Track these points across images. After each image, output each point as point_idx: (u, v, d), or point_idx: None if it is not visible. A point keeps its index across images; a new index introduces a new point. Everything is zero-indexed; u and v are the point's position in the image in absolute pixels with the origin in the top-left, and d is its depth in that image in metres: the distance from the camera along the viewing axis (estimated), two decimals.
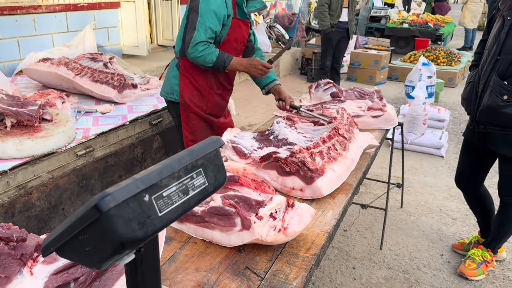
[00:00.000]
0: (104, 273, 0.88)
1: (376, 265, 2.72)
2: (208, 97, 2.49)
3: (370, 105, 2.53)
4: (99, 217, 0.55)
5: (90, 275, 0.86)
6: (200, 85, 2.44)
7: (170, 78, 2.49)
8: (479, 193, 2.74)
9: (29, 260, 0.87)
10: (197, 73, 2.41)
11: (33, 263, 0.87)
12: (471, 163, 2.67)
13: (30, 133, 2.16)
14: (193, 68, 2.40)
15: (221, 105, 2.59)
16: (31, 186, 2.03)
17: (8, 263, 0.83)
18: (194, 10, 2.26)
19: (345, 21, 6.25)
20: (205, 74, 2.43)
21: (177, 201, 0.66)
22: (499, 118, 2.27)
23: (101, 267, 0.61)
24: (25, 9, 5.49)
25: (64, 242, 0.60)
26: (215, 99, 2.52)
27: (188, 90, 2.44)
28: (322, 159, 1.74)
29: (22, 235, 0.89)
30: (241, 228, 1.34)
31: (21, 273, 0.84)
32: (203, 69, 2.39)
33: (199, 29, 2.22)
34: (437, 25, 10.80)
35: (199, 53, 2.23)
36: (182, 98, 2.45)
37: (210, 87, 2.47)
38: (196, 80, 2.44)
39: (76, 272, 0.86)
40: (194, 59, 2.28)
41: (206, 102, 2.49)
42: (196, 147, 0.73)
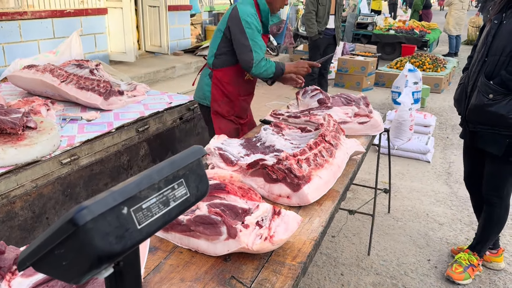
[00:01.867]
0: (85, 286, 0.86)
1: (364, 271, 2.73)
2: (235, 102, 2.81)
3: (356, 111, 2.54)
4: (75, 231, 0.54)
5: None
6: (230, 92, 2.76)
7: (203, 86, 2.81)
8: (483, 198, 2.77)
9: (8, 273, 0.85)
10: (227, 82, 2.74)
11: (11, 276, 0.85)
12: (472, 163, 2.73)
13: (13, 141, 2.13)
14: (224, 78, 2.73)
15: (246, 108, 2.95)
16: (14, 195, 1.99)
17: None
18: (240, 36, 2.55)
19: (332, 28, 6.30)
20: (234, 83, 2.76)
21: (157, 213, 0.65)
22: (486, 117, 2.37)
23: (79, 281, 0.60)
24: (10, 15, 5.43)
25: (40, 257, 0.59)
26: (241, 104, 2.85)
27: (219, 97, 2.76)
28: (309, 166, 1.74)
29: (0, 247, 0.87)
30: (227, 237, 1.33)
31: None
32: (233, 79, 2.73)
33: (256, 50, 2.55)
34: (423, 32, 10.95)
35: (263, 69, 2.59)
36: (213, 103, 2.77)
37: (238, 93, 2.80)
38: (226, 88, 2.75)
39: (56, 285, 0.84)
40: (259, 75, 2.63)
41: (233, 106, 2.81)
42: (177, 157, 0.72)
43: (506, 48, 2.27)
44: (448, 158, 4.73)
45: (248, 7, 2.57)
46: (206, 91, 2.78)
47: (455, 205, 3.65)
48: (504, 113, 2.27)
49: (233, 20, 2.56)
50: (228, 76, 2.71)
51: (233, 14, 2.57)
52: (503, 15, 2.34)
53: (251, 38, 2.52)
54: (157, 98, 3.26)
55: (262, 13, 2.66)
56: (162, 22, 7.67)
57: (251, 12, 2.55)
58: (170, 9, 7.85)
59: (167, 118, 3.01)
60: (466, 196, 3.80)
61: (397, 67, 8.51)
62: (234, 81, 2.74)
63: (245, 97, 2.88)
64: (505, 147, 2.36)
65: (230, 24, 2.57)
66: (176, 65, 7.50)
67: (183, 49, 8.64)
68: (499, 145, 2.37)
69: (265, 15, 2.67)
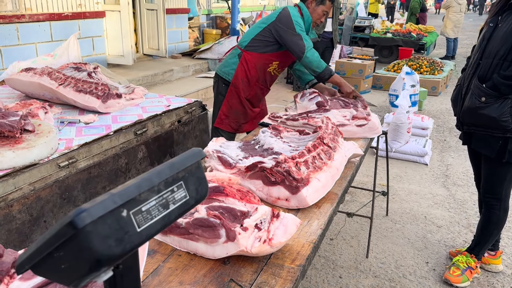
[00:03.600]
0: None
1: (363, 273, 2.72)
2: (253, 86, 3.08)
3: (354, 114, 2.55)
4: (75, 233, 0.54)
5: None
6: (251, 76, 3.04)
7: (230, 63, 3.09)
8: None
9: (6, 277, 0.84)
10: (252, 66, 3.01)
11: (10, 279, 0.84)
12: (476, 164, 2.74)
13: (11, 144, 2.12)
14: (251, 62, 3.00)
15: (259, 97, 3.19)
16: (11, 199, 1.99)
17: None
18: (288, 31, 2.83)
19: (330, 31, 6.32)
20: (258, 69, 3.02)
21: (157, 215, 0.65)
22: (478, 119, 2.39)
23: (78, 285, 0.60)
24: (8, 18, 5.42)
25: (39, 260, 0.58)
26: (256, 90, 3.11)
27: (241, 76, 3.03)
28: (307, 169, 1.74)
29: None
30: (225, 240, 1.33)
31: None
32: (258, 65, 3.00)
33: (307, 40, 2.84)
34: (420, 35, 11.00)
35: (313, 57, 2.83)
36: (235, 79, 3.04)
37: (257, 79, 3.07)
38: (250, 71, 3.02)
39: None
40: (310, 63, 2.84)
41: (250, 89, 3.08)
42: (177, 160, 0.72)
43: (500, 51, 2.28)
44: (445, 160, 4.74)
45: (296, 12, 2.91)
46: (231, 69, 3.06)
47: (453, 207, 3.66)
48: (496, 116, 2.29)
49: (283, 18, 2.85)
50: (255, 61, 2.99)
51: (283, 13, 2.87)
52: (498, 18, 2.35)
53: (299, 33, 2.82)
54: (155, 101, 3.25)
55: (306, 24, 2.95)
56: (160, 25, 7.67)
57: (299, 16, 2.90)
58: (168, 12, 7.86)
59: (165, 121, 3.00)
60: (464, 198, 3.81)
61: (394, 70, 8.54)
62: (259, 67, 3.01)
63: (262, 86, 3.14)
64: (498, 148, 2.37)
65: (279, 21, 2.86)
66: (174, 68, 7.50)
67: (181, 52, 8.64)
68: (492, 146, 2.39)
69: (307, 25, 2.97)
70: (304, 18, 2.95)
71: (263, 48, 2.96)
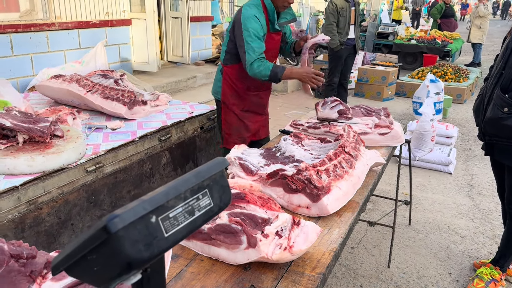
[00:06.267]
0: None
1: (384, 283, 2.70)
2: (245, 97, 2.94)
3: (377, 122, 2.54)
4: (108, 238, 0.57)
5: None
6: (239, 88, 2.91)
7: (216, 81, 3.03)
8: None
9: (39, 277, 0.89)
10: (236, 78, 2.89)
11: (42, 280, 0.89)
12: (498, 175, 2.69)
13: (41, 149, 2.20)
14: (233, 74, 2.89)
15: (259, 103, 3.05)
16: (41, 202, 2.06)
17: (18, 280, 0.85)
18: (239, 38, 2.69)
19: (352, 38, 6.31)
20: (242, 78, 2.87)
21: (183, 221, 0.68)
22: (500, 130, 2.36)
23: (109, 286, 0.63)
24: (38, 26, 5.62)
25: (73, 262, 0.62)
26: (251, 99, 2.97)
27: (229, 92, 2.93)
28: (328, 177, 1.75)
29: (32, 252, 0.91)
30: (247, 246, 1.35)
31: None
32: (241, 75, 2.86)
33: (249, 52, 2.65)
34: (445, 42, 10.84)
35: (256, 71, 2.65)
36: (224, 96, 2.95)
37: (247, 89, 2.92)
38: (235, 83, 2.91)
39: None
40: (252, 76, 2.70)
41: (243, 101, 2.95)
42: (202, 168, 0.75)
43: None
44: (470, 170, 4.65)
45: (252, 9, 2.69)
46: (217, 86, 2.99)
47: (478, 218, 3.59)
48: None
49: (236, 22, 2.72)
50: (236, 72, 2.86)
51: (237, 17, 2.73)
52: None
53: (246, 40, 2.65)
54: (179, 108, 3.32)
55: (269, 12, 2.73)
56: (184, 33, 7.81)
57: (251, 14, 2.65)
58: (192, 20, 7.99)
59: (188, 127, 3.06)
60: (489, 209, 3.73)
61: (418, 77, 8.44)
62: (242, 77, 2.85)
63: (257, 92, 2.97)
64: None
65: (234, 26, 2.74)
66: (197, 74, 7.61)
67: (204, 59, 8.76)
68: None
69: (271, 13, 2.74)
70: (267, 9, 2.72)
71: (237, 57, 2.80)
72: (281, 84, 8.24)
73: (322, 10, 13.13)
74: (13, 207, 1.95)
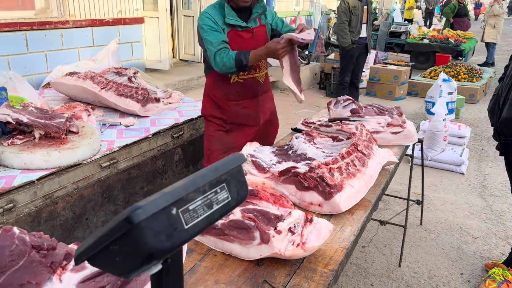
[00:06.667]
0: (129, 282, 0.92)
1: (395, 282, 2.70)
2: (225, 108, 2.64)
3: (389, 121, 2.54)
4: (130, 228, 0.59)
5: (116, 284, 0.89)
6: (217, 98, 2.64)
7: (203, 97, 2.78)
8: None
9: (59, 268, 0.91)
10: (212, 87, 2.65)
11: (62, 271, 0.91)
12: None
13: (57, 144, 2.24)
14: (210, 83, 2.66)
15: (245, 114, 2.66)
16: (57, 196, 2.10)
17: (39, 270, 0.87)
18: (200, 40, 2.49)
19: (364, 37, 6.28)
20: (219, 87, 2.62)
21: (202, 214, 0.69)
22: None
23: (130, 276, 0.65)
24: (53, 24, 5.68)
25: (96, 252, 0.64)
26: (233, 109, 2.64)
27: (208, 104, 2.69)
28: (341, 175, 1.75)
29: (52, 243, 0.93)
30: (260, 242, 1.37)
31: (51, 280, 0.89)
32: (217, 83, 2.61)
33: (208, 47, 2.42)
34: (458, 41, 10.73)
35: (220, 64, 2.38)
36: (204, 110, 2.74)
37: (226, 98, 2.62)
38: (213, 94, 2.66)
39: (103, 280, 0.90)
40: (221, 72, 2.43)
41: (224, 113, 2.65)
42: (220, 163, 0.76)
43: None
44: (483, 170, 4.61)
45: (207, 9, 2.50)
46: (202, 101, 2.78)
47: (490, 218, 3.56)
48: None
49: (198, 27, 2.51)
50: (213, 81, 2.63)
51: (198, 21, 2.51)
52: None
53: (203, 36, 2.44)
54: (191, 105, 3.34)
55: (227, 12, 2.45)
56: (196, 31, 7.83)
57: (203, 13, 2.48)
58: None
59: (200, 125, 3.08)
60: (502, 209, 3.70)
61: (431, 77, 8.37)
62: (219, 85, 2.61)
63: (238, 101, 2.62)
64: None
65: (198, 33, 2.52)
66: None
67: None
68: None
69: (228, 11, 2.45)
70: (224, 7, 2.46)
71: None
72: None
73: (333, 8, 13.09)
74: (30, 201, 1.99)
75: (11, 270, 0.85)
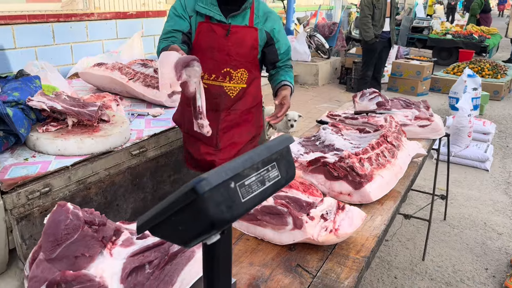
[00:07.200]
0: (175, 258, 0.95)
1: (418, 275, 2.70)
2: (185, 112, 2.14)
3: (417, 114, 2.53)
4: (195, 199, 0.62)
5: (163, 259, 0.93)
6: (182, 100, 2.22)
7: None
8: None
9: (109, 243, 0.95)
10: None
11: (112, 245, 0.95)
12: None
13: (89, 132, 2.30)
14: None
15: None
16: (89, 182, 2.16)
17: (91, 244, 0.92)
18: None
19: (388, 31, 6.23)
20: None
21: (256, 190, 0.72)
22: None
23: (190, 245, 0.68)
24: (79, 16, 5.78)
25: (158, 222, 0.67)
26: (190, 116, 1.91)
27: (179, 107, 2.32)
28: (371, 165, 1.76)
29: (103, 220, 0.98)
30: (293, 227, 1.39)
31: (102, 254, 0.93)
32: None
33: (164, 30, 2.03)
34: (482, 37, 10.53)
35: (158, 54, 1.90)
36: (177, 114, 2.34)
37: (186, 102, 2.14)
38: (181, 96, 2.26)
39: (151, 255, 0.94)
40: None
41: (183, 117, 2.22)
42: (272, 143, 0.79)
43: None
44: (508, 167, 4.54)
45: None
46: None
47: None
48: None
49: None
50: None
51: None
52: None
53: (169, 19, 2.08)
54: None
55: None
56: None
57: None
58: None
59: None
60: None
61: (454, 73, 8.24)
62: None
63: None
64: None
65: None
66: None
67: None
68: None
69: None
70: None
71: None
72: (312, 76, 8.21)
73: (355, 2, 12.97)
74: (64, 185, 2.06)
75: (67, 243, 0.89)
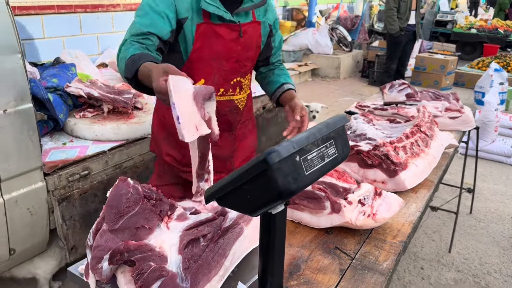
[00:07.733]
0: (226, 233, 1.00)
1: (445, 267, 2.70)
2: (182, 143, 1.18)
3: (447, 106, 2.52)
4: (266, 169, 0.66)
5: (216, 233, 0.98)
6: (171, 124, 1.37)
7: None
8: None
9: (165, 217, 1.00)
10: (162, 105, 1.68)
11: (168, 219, 1.00)
12: None
13: (124, 118, 2.37)
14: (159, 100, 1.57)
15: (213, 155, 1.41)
16: (125, 166, 2.23)
17: (150, 217, 0.97)
18: None
19: (413, 24, 6.17)
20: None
21: (316, 165, 0.76)
22: None
23: (255, 214, 0.72)
24: (105, 7, 5.87)
25: (227, 192, 0.72)
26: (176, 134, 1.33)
27: (160, 132, 1.75)
28: (406, 154, 1.78)
29: (159, 195, 1.03)
30: (330, 211, 1.42)
31: (160, 226, 0.98)
32: None
33: (128, 30, 1.55)
34: (508, 31, 10.31)
35: (118, 57, 1.47)
36: (153, 141, 1.80)
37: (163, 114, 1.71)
38: (166, 116, 1.69)
39: (204, 229, 0.98)
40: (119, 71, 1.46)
41: (180, 149, 1.66)
42: (329, 121, 0.82)
43: None
44: None
45: None
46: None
47: None
48: None
49: None
50: None
51: None
52: None
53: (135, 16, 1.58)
54: None
55: None
56: None
57: None
58: None
59: None
60: None
61: (478, 67, 8.10)
62: None
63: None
64: None
65: None
66: None
67: None
68: None
69: None
70: None
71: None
72: (334, 69, 8.17)
73: None
74: (102, 169, 2.12)
75: (128, 215, 0.94)
